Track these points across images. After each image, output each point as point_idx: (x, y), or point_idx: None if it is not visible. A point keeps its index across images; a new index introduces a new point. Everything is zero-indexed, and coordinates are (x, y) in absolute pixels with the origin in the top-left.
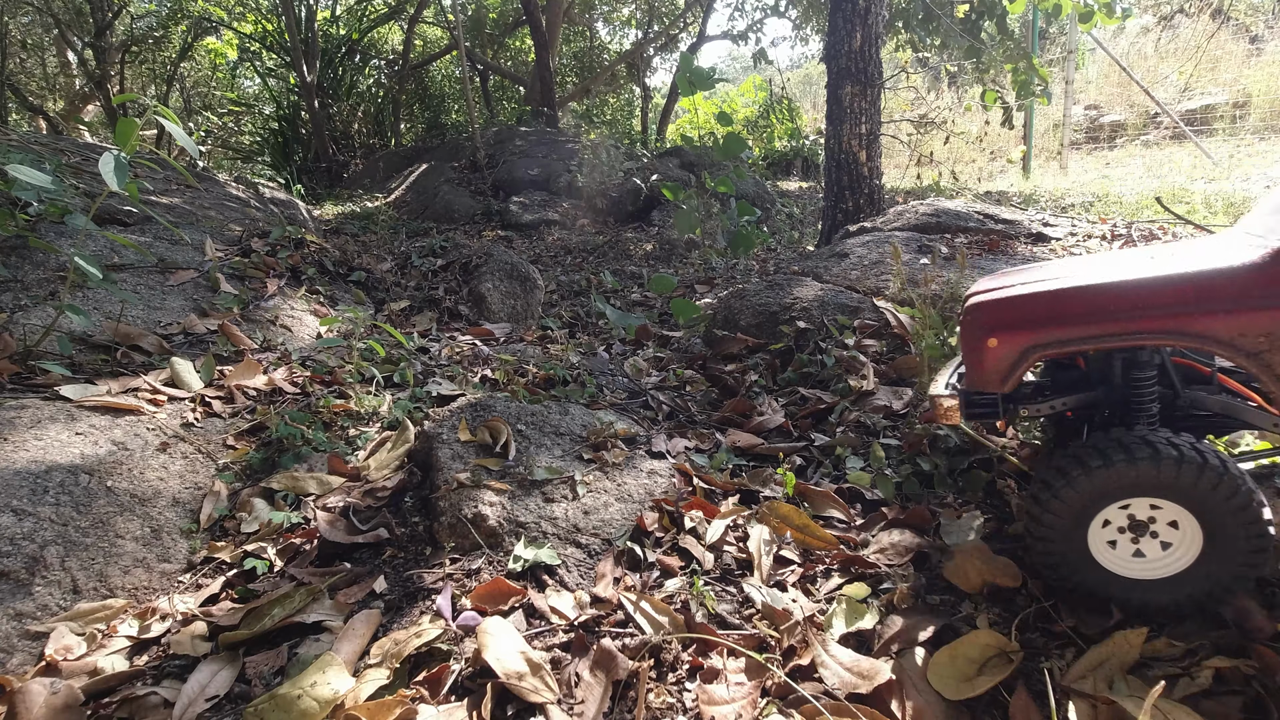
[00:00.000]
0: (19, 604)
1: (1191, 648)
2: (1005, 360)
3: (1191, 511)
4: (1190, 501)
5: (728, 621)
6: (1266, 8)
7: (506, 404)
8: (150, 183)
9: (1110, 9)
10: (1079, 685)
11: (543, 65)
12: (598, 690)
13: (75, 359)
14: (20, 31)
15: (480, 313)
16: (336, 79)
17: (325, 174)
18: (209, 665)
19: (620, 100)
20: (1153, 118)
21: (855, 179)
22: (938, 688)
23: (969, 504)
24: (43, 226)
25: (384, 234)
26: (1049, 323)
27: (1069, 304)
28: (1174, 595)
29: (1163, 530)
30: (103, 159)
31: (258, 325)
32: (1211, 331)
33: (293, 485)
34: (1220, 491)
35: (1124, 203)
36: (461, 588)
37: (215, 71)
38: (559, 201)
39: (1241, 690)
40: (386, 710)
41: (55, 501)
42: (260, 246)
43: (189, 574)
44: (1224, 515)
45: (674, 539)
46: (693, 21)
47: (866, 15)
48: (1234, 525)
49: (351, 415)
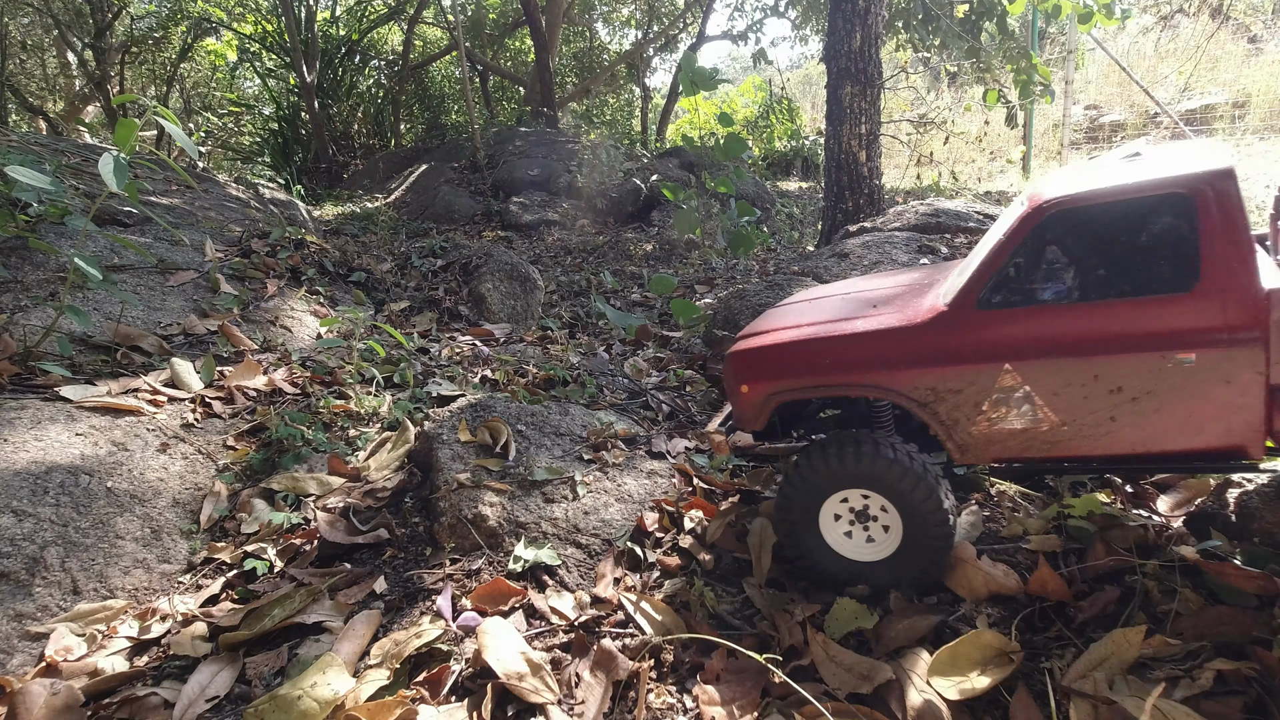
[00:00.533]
0: (19, 605)
1: (1192, 649)
2: (754, 404)
3: (892, 502)
4: (891, 494)
5: (728, 622)
6: (1266, 7)
7: (506, 404)
8: (150, 183)
9: (1110, 10)
10: (1079, 685)
11: (542, 65)
12: (598, 690)
13: (75, 360)
14: (20, 32)
15: (480, 313)
16: (336, 79)
17: (325, 174)
18: (209, 666)
19: (620, 101)
20: (1152, 118)
21: (855, 179)
22: (938, 688)
23: (970, 503)
24: (43, 227)
25: (384, 234)
26: (783, 375)
27: (795, 359)
28: (890, 574)
29: (879, 516)
30: (102, 160)
31: (258, 326)
32: (896, 386)
33: (293, 486)
34: (908, 482)
35: None
36: (462, 588)
37: (215, 72)
38: (559, 202)
39: (1242, 691)
40: (387, 711)
41: (55, 502)
42: (260, 247)
43: (189, 575)
44: (915, 505)
45: (674, 539)
46: (692, 22)
47: (866, 15)
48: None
49: (351, 416)
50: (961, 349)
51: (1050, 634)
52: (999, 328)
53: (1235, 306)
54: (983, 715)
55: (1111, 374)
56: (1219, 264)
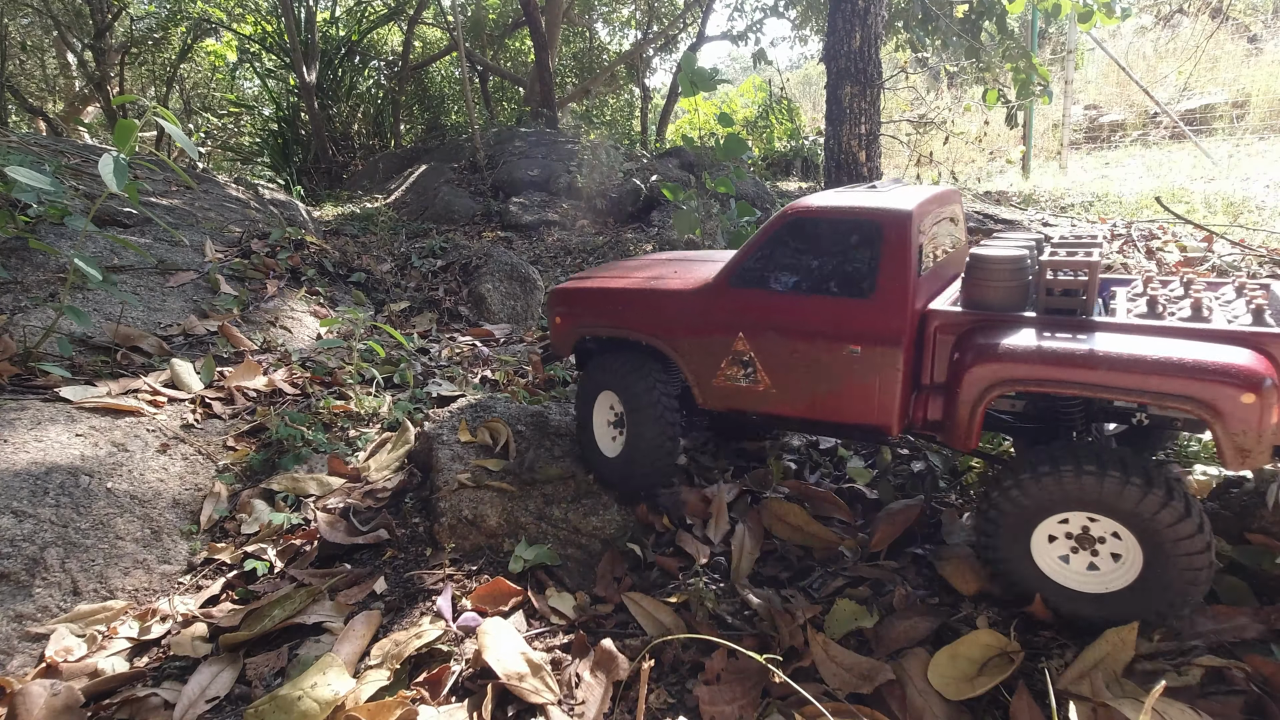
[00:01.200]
0: (19, 605)
1: (1184, 648)
2: (562, 334)
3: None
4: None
5: (728, 622)
6: (1265, 7)
7: (506, 404)
8: (150, 184)
9: (1109, 9)
10: (1075, 687)
11: (542, 66)
12: (598, 691)
13: (75, 360)
14: (20, 33)
15: (480, 313)
16: (336, 80)
17: (325, 175)
18: (209, 666)
19: (620, 101)
20: (1152, 117)
21: (855, 179)
22: (938, 688)
23: (970, 504)
24: (43, 228)
25: (384, 235)
26: (584, 315)
27: (595, 303)
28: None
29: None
30: (102, 161)
31: (257, 326)
32: (666, 337)
33: (293, 486)
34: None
35: (1123, 202)
36: (462, 588)
37: (215, 73)
38: (559, 202)
39: (1242, 690)
40: (387, 711)
41: (55, 503)
42: (260, 248)
43: (189, 575)
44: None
45: (674, 539)
46: (692, 22)
47: (866, 15)
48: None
49: (351, 416)
50: (714, 316)
51: (1050, 634)
52: (741, 304)
53: (892, 316)
54: (983, 715)
55: (808, 353)
56: (888, 281)
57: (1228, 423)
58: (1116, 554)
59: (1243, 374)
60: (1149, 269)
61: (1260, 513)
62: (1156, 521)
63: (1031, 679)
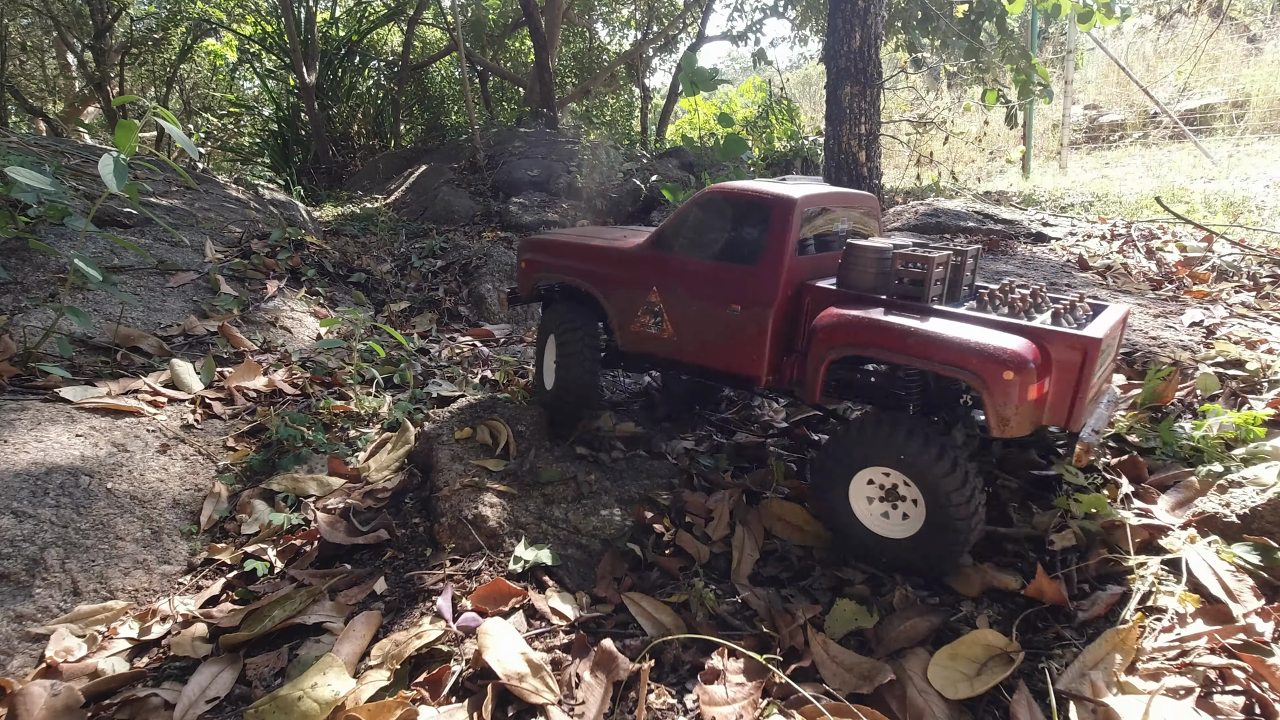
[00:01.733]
0: (19, 606)
1: (1184, 649)
2: (527, 278)
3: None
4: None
5: (728, 622)
6: (1265, 7)
7: (506, 405)
8: (150, 184)
9: (1109, 9)
10: (1075, 687)
11: (542, 66)
12: (599, 691)
13: (75, 361)
14: (20, 34)
15: (480, 313)
16: (336, 80)
17: (325, 175)
18: (209, 667)
19: (620, 101)
20: (1152, 117)
21: (855, 179)
22: (938, 687)
23: None
24: (43, 228)
25: (384, 235)
26: (544, 262)
27: (550, 253)
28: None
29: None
30: (102, 161)
31: (257, 327)
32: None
33: (293, 487)
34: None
35: (1123, 202)
36: (462, 589)
37: (215, 73)
38: (559, 202)
39: (1242, 690)
40: (387, 711)
41: (55, 503)
42: (260, 248)
43: (189, 576)
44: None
45: (674, 539)
46: (692, 22)
47: (865, 16)
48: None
49: (351, 417)
50: (637, 272)
51: (1050, 634)
52: (658, 263)
53: (768, 284)
54: (983, 715)
55: (703, 308)
56: (768, 255)
57: (992, 393)
58: (911, 506)
59: (1008, 355)
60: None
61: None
62: (934, 478)
63: (1031, 679)
